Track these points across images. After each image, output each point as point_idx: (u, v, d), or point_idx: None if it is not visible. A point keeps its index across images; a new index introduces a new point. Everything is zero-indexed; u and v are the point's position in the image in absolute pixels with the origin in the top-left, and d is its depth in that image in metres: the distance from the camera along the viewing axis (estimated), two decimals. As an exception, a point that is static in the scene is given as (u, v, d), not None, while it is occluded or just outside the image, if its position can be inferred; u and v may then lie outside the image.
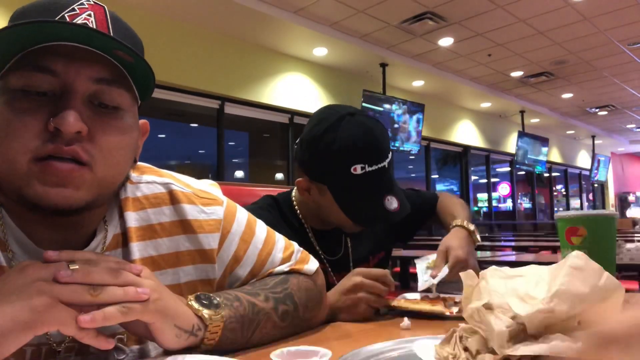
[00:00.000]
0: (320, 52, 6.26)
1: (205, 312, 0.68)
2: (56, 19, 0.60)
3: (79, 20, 0.61)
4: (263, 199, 1.31)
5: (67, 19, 0.61)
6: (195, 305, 0.68)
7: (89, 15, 0.62)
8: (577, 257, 0.50)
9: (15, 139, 0.59)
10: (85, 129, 0.60)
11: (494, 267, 0.56)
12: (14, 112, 0.59)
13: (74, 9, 0.62)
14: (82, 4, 0.63)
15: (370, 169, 1.12)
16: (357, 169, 1.11)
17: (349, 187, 1.13)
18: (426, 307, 1.02)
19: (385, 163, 1.15)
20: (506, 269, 0.55)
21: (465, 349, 0.52)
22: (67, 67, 0.60)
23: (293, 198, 1.31)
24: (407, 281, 3.96)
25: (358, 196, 1.14)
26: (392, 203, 1.16)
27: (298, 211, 1.29)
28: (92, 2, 0.64)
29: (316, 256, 1.25)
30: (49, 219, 0.65)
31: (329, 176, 1.15)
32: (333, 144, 1.12)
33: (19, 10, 0.65)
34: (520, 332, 0.48)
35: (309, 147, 1.17)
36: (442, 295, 1.17)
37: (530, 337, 0.48)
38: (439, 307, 1.01)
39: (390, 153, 1.18)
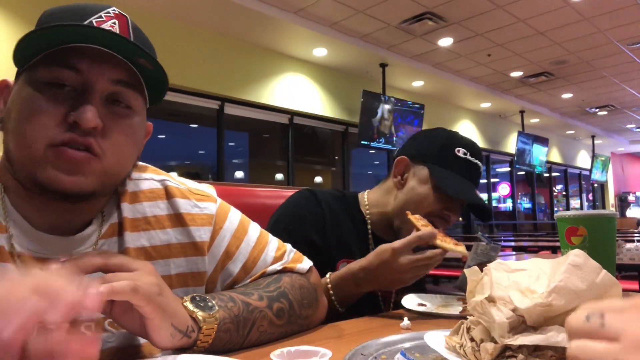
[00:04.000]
0: (320, 52, 6.26)
1: (200, 314, 0.68)
2: (84, 23, 0.66)
3: (105, 27, 0.67)
4: (330, 190, 1.35)
5: (95, 24, 0.67)
6: (190, 306, 0.69)
7: (114, 23, 0.69)
8: (576, 255, 0.53)
9: (35, 126, 0.64)
10: (101, 124, 0.66)
11: (498, 260, 0.59)
12: (38, 102, 0.65)
13: (100, 16, 0.68)
14: (108, 12, 0.69)
15: (471, 158, 1.25)
16: (461, 152, 1.25)
17: (449, 165, 1.24)
18: (450, 246, 1.06)
19: (482, 167, 1.30)
20: (510, 262, 0.58)
21: (472, 339, 0.55)
22: (91, 67, 0.66)
23: (365, 198, 1.34)
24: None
25: (455, 175, 1.22)
26: (480, 196, 1.24)
27: (367, 210, 1.31)
28: (117, 12, 0.71)
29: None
30: (53, 204, 0.68)
31: (433, 153, 1.26)
32: (442, 132, 1.30)
33: (47, 12, 0.71)
34: (521, 324, 0.51)
35: (417, 136, 1.34)
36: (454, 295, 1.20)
37: (530, 328, 0.51)
38: (460, 248, 1.07)
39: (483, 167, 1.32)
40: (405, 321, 0.90)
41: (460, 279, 1.29)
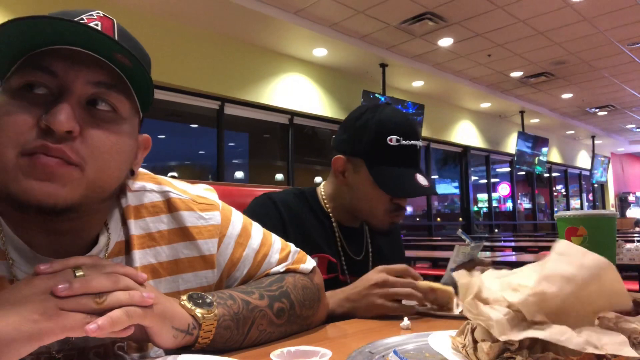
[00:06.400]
0: (320, 52, 6.26)
1: (198, 312, 0.68)
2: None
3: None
4: (290, 189, 1.35)
5: None
6: (189, 304, 0.68)
7: (96, 25, 0.63)
8: (561, 244, 0.53)
9: (5, 133, 0.59)
10: (77, 128, 0.59)
11: (490, 270, 0.59)
12: (9, 108, 0.60)
13: (82, 19, 0.62)
14: (91, 14, 0.64)
15: (405, 142, 1.20)
16: (393, 140, 1.20)
17: (384, 158, 1.20)
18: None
19: (418, 143, 1.23)
20: (503, 271, 0.58)
21: (475, 340, 0.55)
22: (67, 69, 0.61)
23: (322, 192, 1.34)
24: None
25: (392, 168, 1.20)
26: (423, 181, 1.20)
27: (326, 204, 1.32)
28: (101, 15, 0.65)
29: (336, 251, 1.27)
30: (45, 223, 0.64)
31: (365, 148, 1.22)
32: (371, 119, 1.22)
33: None
34: (521, 320, 0.50)
35: (347, 127, 1.27)
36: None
37: (532, 325, 0.49)
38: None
39: (420, 141, 1.26)
40: (405, 321, 0.90)
41: (444, 278, 1.29)
